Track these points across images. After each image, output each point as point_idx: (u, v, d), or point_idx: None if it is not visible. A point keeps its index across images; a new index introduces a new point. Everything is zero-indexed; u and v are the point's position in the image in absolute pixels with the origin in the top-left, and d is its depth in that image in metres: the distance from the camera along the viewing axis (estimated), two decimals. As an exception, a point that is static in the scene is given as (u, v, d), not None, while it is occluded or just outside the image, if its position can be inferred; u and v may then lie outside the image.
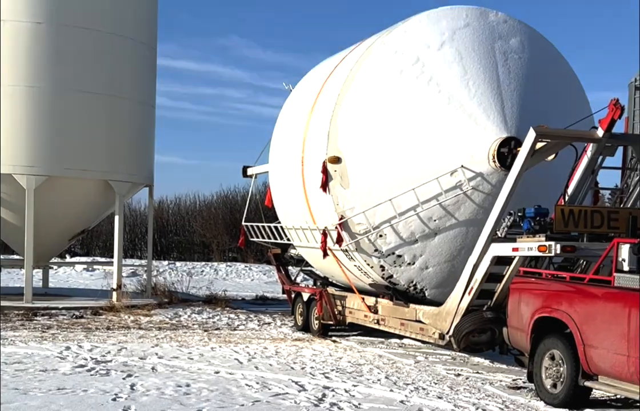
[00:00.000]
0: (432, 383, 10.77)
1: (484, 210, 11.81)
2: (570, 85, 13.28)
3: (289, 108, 16.51)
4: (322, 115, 13.81)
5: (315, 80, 15.45)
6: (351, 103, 13.05)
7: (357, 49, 14.26)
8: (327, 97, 14.00)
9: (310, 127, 14.38)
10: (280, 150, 16.08)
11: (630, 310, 8.53)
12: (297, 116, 15.42)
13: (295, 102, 16.21)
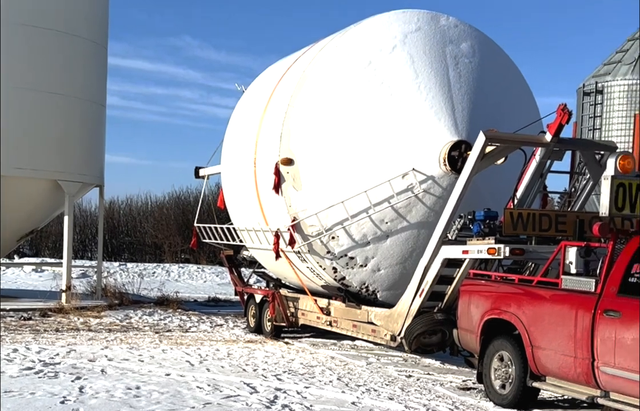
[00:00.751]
0: (384, 385, 10.83)
1: (435, 213, 11.91)
2: (519, 90, 13.46)
3: (242, 110, 16.46)
4: (275, 117, 13.79)
5: (268, 82, 15.43)
6: (304, 105, 13.06)
7: (309, 51, 14.28)
8: (279, 99, 13.98)
9: (262, 129, 14.35)
10: (233, 152, 16.02)
11: (577, 312, 8.69)
12: (249, 117, 15.37)
13: (248, 103, 16.16)
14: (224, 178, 16.72)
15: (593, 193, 11.55)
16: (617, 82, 18.85)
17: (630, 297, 8.23)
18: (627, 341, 8.09)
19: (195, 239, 18.49)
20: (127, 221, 40.46)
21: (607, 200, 8.52)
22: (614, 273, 8.49)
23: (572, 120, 19.75)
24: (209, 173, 18.98)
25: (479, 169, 11.06)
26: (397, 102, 12.36)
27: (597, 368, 8.41)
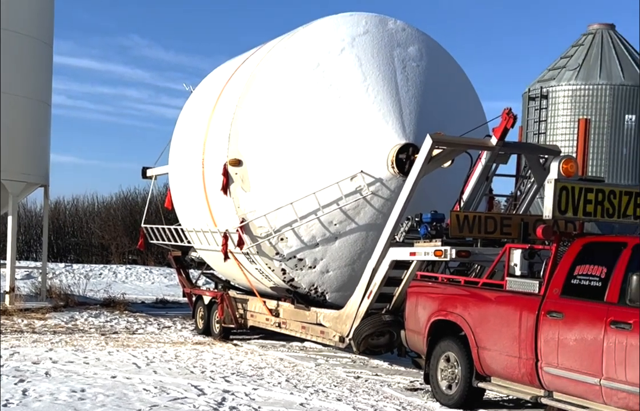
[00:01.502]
0: (332, 386, 10.86)
1: (383, 215, 11.99)
2: (466, 93, 13.63)
3: (190, 110, 16.35)
4: (223, 117, 13.73)
5: (217, 82, 15.35)
6: (252, 106, 13.03)
7: (258, 52, 14.25)
8: (228, 99, 13.93)
9: (211, 129, 14.28)
10: (181, 152, 15.91)
11: (521, 313, 8.83)
12: (197, 118, 15.28)
13: (196, 103, 16.06)
14: (172, 179, 16.59)
15: (537, 196, 11.75)
16: (562, 87, 19.20)
17: (572, 299, 8.39)
18: (569, 341, 8.25)
19: (143, 240, 18.29)
20: (74, 221, 39.82)
21: (550, 203, 8.64)
22: (557, 275, 8.65)
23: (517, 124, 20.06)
24: (157, 173, 18.81)
25: (426, 172, 11.16)
26: (346, 105, 12.42)
27: (541, 368, 8.57)
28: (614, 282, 8.01)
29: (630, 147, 18.68)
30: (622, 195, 8.92)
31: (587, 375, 8.02)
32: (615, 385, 7.73)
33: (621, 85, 18.66)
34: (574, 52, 19.79)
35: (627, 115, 18.65)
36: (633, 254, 8.04)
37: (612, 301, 7.95)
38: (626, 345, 7.64)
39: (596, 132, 18.65)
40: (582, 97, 18.89)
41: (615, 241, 8.47)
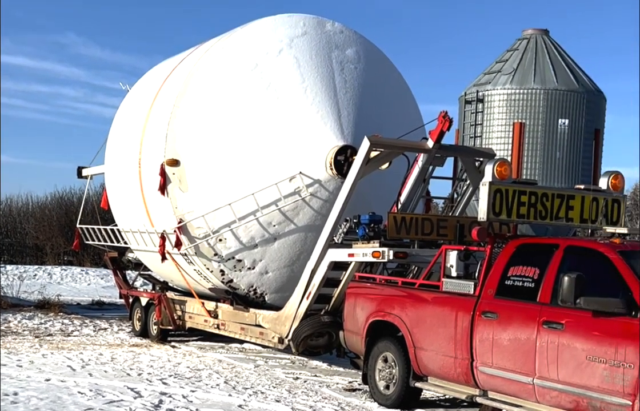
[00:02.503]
0: (271, 387, 10.86)
1: (321, 216, 12.03)
2: (403, 96, 13.77)
3: (126, 109, 16.16)
4: (160, 117, 13.60)
5: (154, 81, 15.20)
6: (190, 105, 12.95)
7: (196, 52, 14.17)
8: (165, 99, 13.80)
9: (147, 129, 14.13)
10: (117, 152, 15.71)
11: (457, 314, 8.96)
12: (134, 117, 15.11)
13: (133, 102, 15.88)
14: (108, 179, 16.37)
15: (473, 198, 11.94)
16: (497, 91, 19.50)
17: (506, 299, 8.54)
18: (503, 341, 8.40)
19: (78, 241, 18.05)
20: (7, 222, 38.96)
21: (485, 206, 8.78)
22: (492, 276, 8.80)
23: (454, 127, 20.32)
24: (92, 173, 18.55)
25: (364, 174, 11.24)
26: (284, 106, 12.42)
27: (476, 368, 8.70)
28: (546, 283, 8.18)
29: (563, 150, 19.09)
30: (555, 197, 9.12)
31: (521, 374, 8.17)
32: (548, 383, 7.90)
33: (555, 90, 19.04)
34: (509, 57, 20.12)
35: (560, 120, 19.04)
36: (564, 255, 8.22)
37: (544, 301, 8.12)
38: (558, 345, 7.81)
39: (531, 135, 19.00)
40: (516, 101, 19.22)
41: (548, 243, 8.66)
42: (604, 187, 9.53)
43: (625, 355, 7.20)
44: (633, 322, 7.27)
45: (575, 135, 19.14)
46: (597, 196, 9.37)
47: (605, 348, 7.39)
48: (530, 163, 18.97)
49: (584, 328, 7.62)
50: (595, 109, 19.77)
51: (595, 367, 7.45)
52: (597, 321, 7.52)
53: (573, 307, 7.68)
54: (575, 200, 9.23)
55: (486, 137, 19.31)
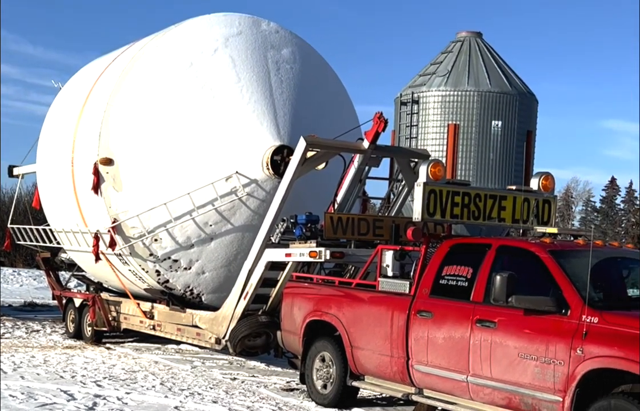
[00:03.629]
0: (208, 388, 10.82)
1: (258, 216, 12.03)
2: (339, 97, 13.86)
3: (59, 107, 15.87)
4: (93, 115, 13.42)
5: (87, 79, 14.97)
6: (123, 104, 12.80)
7: (130, 50, 14.00)
8: (98, 97, 13.62)
9: (80, 127, 13.92)
10: (49, 150, 15.42)
11: (393, 313, 9.07)
12: (66, 115, 14.85)
13: (65, 100, 15.60)
14: (40, 178, 16.07)
15: (409, 198, 12.08)
16: (432, 93, 19.75)
17: (441, 298, 8.68)
18: (438, 340, 8.54)
19: (9, 241, 17.73)
20: None
21: (419, 206, 8.89)
22: (427, 276, 8.92)
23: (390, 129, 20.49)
24: (24, 172, 18.20)
25: (301, 174, 11.28)
26: (220, 105, 12.38)
27: (412, 366, 8.82)
28: (479, 282, 8.33)
29: (496, 151, 19.44)
30: (487, 198, 9.30)
31: (455, 372, 8.31)
32: (481, 381, 8.05)
33: (488, 92, 19.38)
34: (443, 59, 20.39)
35: (493, 121, 19.38)
36: (497, 255, 8.38)
37: (477, 300, 8.27)
38: (491, 343, 7.97)
39: (465, 137, 19.30)
40: (451, 103, 19.50)
41: (480, 242, 8.82)
42: (535, 188, 9.75)
43: (556, 352, 7.38)
44: (563, 320, 7.46)
45: (508, 136, 19.51)
46: (528, 197, 9.59)
47: (537, 345, 7.56)
48: (464, 164, 19.27)
49: (516, 326, 7.79)
50: (527, 111, 20.19)
51: (527, 364, 7.62)
52: (528, 320, 7.69)
53: (505, 305, 7.82)
54: (508, 200, 9.43)
55: (422, 138, 19.54)
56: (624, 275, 8.50)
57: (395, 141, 19.97)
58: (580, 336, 7.23)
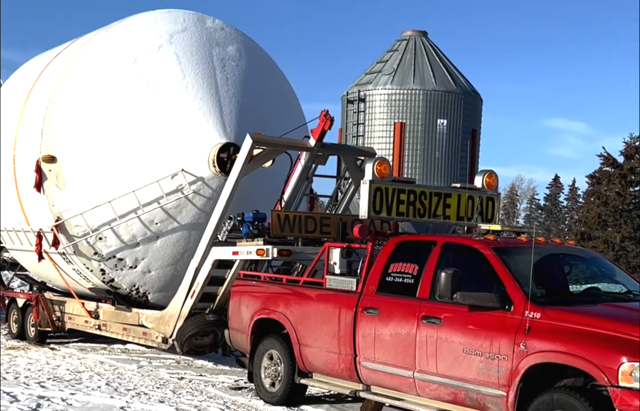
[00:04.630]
0: (155, 388, 10.74)
1: (205, 214, 11.98)
2: (285, 95, 13.87)
3: (0, 104, 15.57)
4: (35, 112, 13.21)
5: (28, 75, 14.72)
6: (66, 100, 12.63)
7: (72, 46, 13.82)
8: (40, 93, 13.41)
9: (22, 124, 13.70)
10: (-10, 148, 15.11)
11: (340, 310, 9.11)
12: (8, 112, 14.57)
13: (6, 97, 15.29)
14: (-20, 176, 15.73)
15: (356, 196, 12.16)
16: (378, 91, 19.91)
17: (387, 295, 8.75)
18: (385, 337, 8.60)
19: (-52, 240, 17.26)
20: None
21: (365, 204, 8.95)
22: (373, 273, 8.98)
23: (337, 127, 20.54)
24: (-37, 169, 17.76)
25: (247, 171, 11.26)
26: (165, 102, 12.30)
27: (359, 363, 8.88)
28: (425, 279, 8.41)
29: (442, 150, 19.70)
30: (432, 195, 9.41)
31: (402, 368, 8.39)
32: (427, 377, 8.15)
33: (433, 91, 19.62)
34: (389, 57, 20.57)
35: (439, 120, 19.61)
36: (442, 252, 8.48)
37: (423, 297, 8.35)
38: (437, 339, 8.06)
39: (411, 135, 19.51)
40: (397, 101, 19.68)
41: (426, 240, 8.91)
42: (479, 186, 9.89)
43: (500, 347, 7.50)
44: (507, 316, 7.57)
45: (453, 134, 19.77)
46: (472, 194, 9.72)
47: (481, 341, 7.67)
48: (411, 162, 19.49)
49: (461, 323, 7.89)
50: (472, 110, 20.50)
51: (472, 360, 7.73)
52: (473, 316, 7.80)
53: (450, 302, 7.92)
54: (452, 198, 9.54)
55: (368, 136, 19.69)
56: (566, 271, 8.69)
57: (342, 139, 20.10)
58: (523, 332, 7.35)
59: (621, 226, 40.96)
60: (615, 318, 7.31)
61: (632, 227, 40.99)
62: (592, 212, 42.39)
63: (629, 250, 40.78)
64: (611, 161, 42.40)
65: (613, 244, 40.73)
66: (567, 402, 7.01)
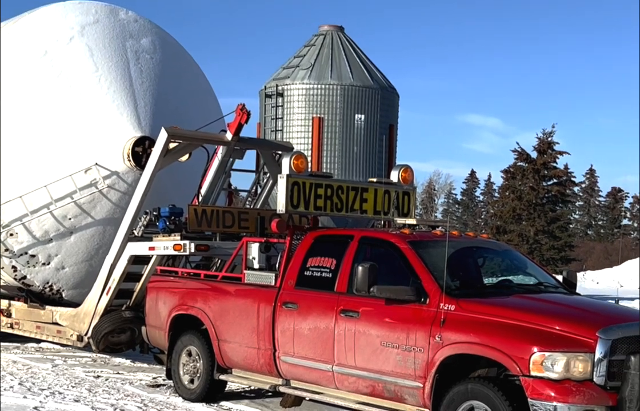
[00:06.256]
0: (70, 387, 10.52)
1: (120, 209, 11.81)
2: (202, 88, 13.76)
3: None
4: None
5: None
6: (-26, 93, 12.25)
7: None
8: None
9: None
10: None
11: (259, 305, 9.11)
12: None
13: None
14: None
15: (274, 191, 12.17)
16: (296, 86, 19.93)
17: (306, 290, 8.78)
18: (304, 331, 8.63)
19: None
20: None
21: (283, 198, 8.94)
22: (292, 268, 9.00)
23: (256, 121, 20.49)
24: None
25: (163, 165, 11.15)
26: (77, 95, 12.07)
27: (279, 358, 8.89)
28: (342, 273, 8.47)
29: (360, 145, 19.86)
30: (350, 190, 9.47)
31: (321, 362, 8.43)
32: (346, 370, 8.21)
33: (351, 86, 19.75)
34: (306, 52, 20.61)
35: (357, 115, 19.76)
36: (359, 246, 8.55)
37: (341, 291, 8.41)
38: (355, 332, 8.13)
39: (329, 130, 19.60)
40: (315, 96, 19.74)
41: (343, 234, 8.97)
42: (395, 180, 10.01)
43: (416, 339, 7.61)
44: (422, 308, 7.69)
45: (371, 130, 19.95)
46: (388, 189, 9.84)
47: (398, 334, 7.77)
48: (329, 157, 19.59)
49: (378, 316, 7.98)
50: (389, 105, 20.72)
51: (389, 352, 7.82)
52: (390, 309, 7.89)
53: (367, 295, 7.98)
54: (369, 192, 9.64)
55: (287, 131, 19.70)
56: (480, 264, 8.89)
57: (260, 134, 20.05)
58: (438, 324, 7.49)
59: (535, 220, 42.17)
60: (526, 309, 7.52)
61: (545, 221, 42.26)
62: (507, 206, 43.50)
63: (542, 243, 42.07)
64: (525, 156, 43.59)
65: (527, 237, 41.93)
66: (480, 392, 7.16)
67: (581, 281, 31.10)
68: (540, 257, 40.04)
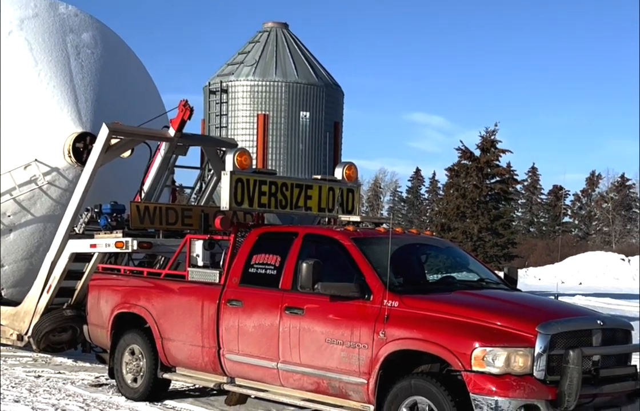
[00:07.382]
0: (9, 387, 10.32)
1: (61, 206, 11.64)
2: (144, 84, 13.67)
3: None
4: None
5: None
6: None
7: None
8: None
9: None
10: None
11: (203, 303, 9.05)
12: None
13: None
14: None
15: (218, 187, 12.11)
16: (240, 82, 19.87)
17: (251, 287, 8.75)
18: (249, 328, 8.60)
19: None
20: None
21: (227, 195, 8.90)
22: (236, 265, 8.95)
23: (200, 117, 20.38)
24: None
25: (104, 162, 11.03)
26: (16, 90, 11.89)
27: (223, 356, 8.84)
28: (287, 270, 8.46)
29: (305, 142, 19.89)
30: (294, 187, 9.48)
31: (266, 359, 8.42)
32: (291, 367, 8.21)
33: (295, 83, 19.76)
34: (250, 49, 20.55)
35: (302, 112, 19.76)
36: (304, 243, 8.55)
37: (286, 288, 8.40)
38: (299, 330, 8.13)
39: (274, 127, 19.57)
40: (260, 93, 19.70)
41: (288, 231, 8.97)
42: (339, 178, 10.04)
43: (360, 336, 7.64)
44: (366, 305, 7.73)
45: (316, 127, 19.99)
46: (333, 186, 9.86)
47: (342, 330, 7.80)
48: (274, 154, 19.57)
49: (323, 313, 7.99)
50: (334, 103, 20.80)
51: (334, 349, 7.84)
52: (334, 306, 7.91)
53: (312, 292, 7.98)
54: (313, 190, 9.65)
55: (232, 128, 19.62)
56: (423, 261, 8.96)
57: (205, 130, 19.94)
58: (382, 320, 7.53)
59: (478, 217, 42.70)
60: (468, 305, 7.62)
61: (488, 218, 42.81)
62: (452, 203, 43.96)
63: (486, 240, 42.62)
64: (468, 154, 44.09)
65: (471, 234, 42.44)
66: (423, 387, 7.22)
67: (523, 277, 31.69)
68: (483, 254, 40.58)
